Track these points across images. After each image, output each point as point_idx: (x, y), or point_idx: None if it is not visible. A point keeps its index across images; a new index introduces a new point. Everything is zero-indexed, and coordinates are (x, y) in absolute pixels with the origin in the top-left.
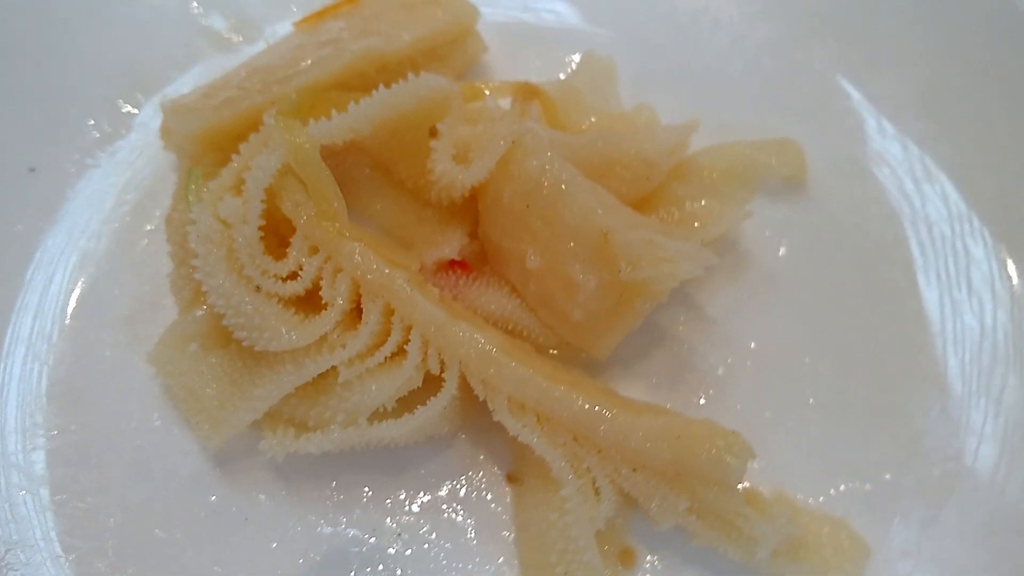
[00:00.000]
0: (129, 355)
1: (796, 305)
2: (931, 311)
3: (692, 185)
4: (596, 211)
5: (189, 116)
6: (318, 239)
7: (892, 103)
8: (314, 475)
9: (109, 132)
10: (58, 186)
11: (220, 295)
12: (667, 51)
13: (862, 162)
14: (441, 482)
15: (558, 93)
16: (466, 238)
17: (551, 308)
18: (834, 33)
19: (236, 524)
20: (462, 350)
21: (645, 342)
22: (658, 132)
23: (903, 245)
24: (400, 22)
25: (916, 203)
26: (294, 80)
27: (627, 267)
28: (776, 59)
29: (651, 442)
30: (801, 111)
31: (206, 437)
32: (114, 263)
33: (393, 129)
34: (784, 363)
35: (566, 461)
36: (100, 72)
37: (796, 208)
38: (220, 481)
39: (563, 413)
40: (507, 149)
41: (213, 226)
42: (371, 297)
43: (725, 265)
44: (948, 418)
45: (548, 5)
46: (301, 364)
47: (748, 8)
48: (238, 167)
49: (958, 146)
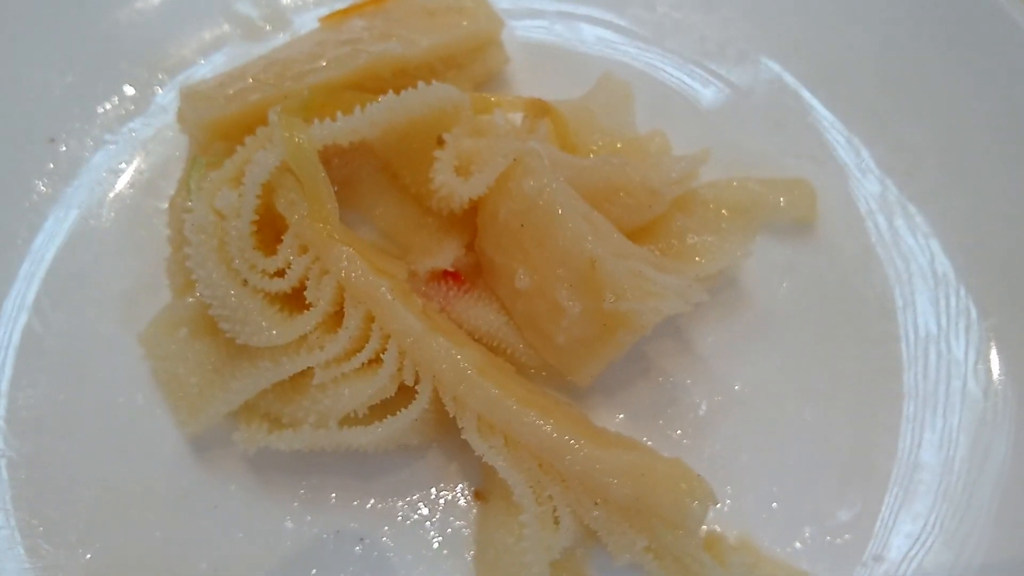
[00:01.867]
0: (123, 332)
1: (786, 350)
2: (908, 382)
3: (695, 218)
4: (587, 237)
5: (202, 103)
6: (308, 239)
7: (900, 164)
8: (286, 471)
9: (131, 109)
10: (74, 158)
11: (208, 285)
12: (688, 81)
13: (868, 214)
14: (409, 492)
15: (571, 113)
16: (462, 249)
17: (536, 329)
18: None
19: (205, 510)
20: (436, 365)
21: (630, 371)
22: (666, 161)
23: (892, 308)
24: (421, 27)
25: (910, 265)
26: (309, 77)
27: (612, 297)
28: (795, 100)
29: (615, 477)
30: (818, 154)
31: (183, 422)
32: (120, 240)
33: (403, 134)
34: (766, 408)
35: (529, 486)
36: (127, 49)
37: (801, 251)
38: (195, 466)
39: (530, 438)
40: (507, 166)
41: (208, 216)
42: (354, 303)
43: (721, 301)
44: (925, 488)
45: (576, 25)
46: (279, 361)
47: (773, 44)
48: (240, 160)
49: (956, 212)
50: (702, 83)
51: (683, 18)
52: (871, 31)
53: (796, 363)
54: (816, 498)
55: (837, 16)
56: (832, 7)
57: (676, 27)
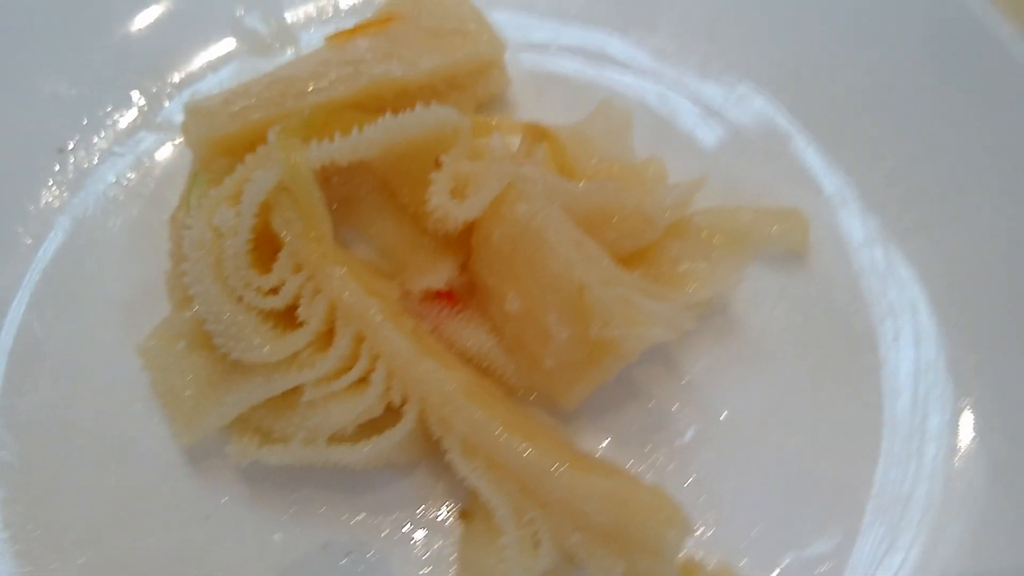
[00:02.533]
0: (125, 341)
1: (774, 379)
2: (890, 414)
3: (688, 245)
4: (576, 264)
5: (205, 120)
6: (303, 258)
7: (893, 199)
8: (277, 484)
9: (139, 121)
10: (82, 169)
11: (203, 301)
12: (686, 112)
13: (859, 247)
14: (397, 509)
15: (569, 137)
16: (457, 270)
17: (525, 352)
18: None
19: (197, 520)
20: (423, 386)
21: (618, 395)
22: (661, 188)
23: (877, 341)
24: (424, 49)
25: (897, 299)
26: (311, 96)
27: (599, 324)
28: (790, 133)
29: (594, 503)
30: (812, 185)
31: (179, 433)
32: (124, 251)
33: (402, 154)
34: (751, 436)
35: (510, 509)
36: (137, 61)
37: (792, 280)
38: (189, 476)
39: (512, 462)
40: (501, 190)
41: (206, 233)
42: (344, 322)
43: (712, 328)
44: (905, 522)
45: (581, 50)
46: (271, 378)
47: (768, 79)
48: (239, 178)
49: (943, 249)
50: (700, 115)
51: (684, 49)
52: (865, 67)
53: (783, 392)
54: (797, 527)
55: (835, 53)
56: (830, 45)
57: (677, 59)
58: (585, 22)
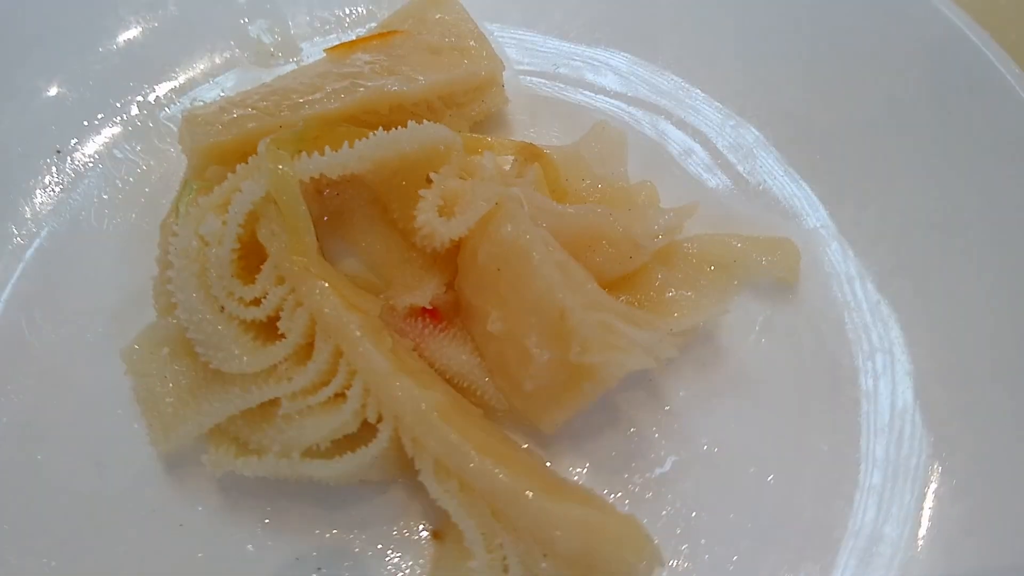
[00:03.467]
0: (110, 346)
1: (756, 410)
2: (868, 452)
3: (676, 271)
4: (558, 287)
5: (200, 128)
6: (285, 270)
7: (884, 239)
8: (252, 495)
9: (138, 126)
10: (78, 171)
11: (186, 309)
12: (684, 138)
13: (847, 280)
14: (370, 526)
15: (563, 158)
16: (442, 288)
17: (506, 374)
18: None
19: (170, 527)
20: (398, 405)
21: (599, 420)
22: (651, 213)
23: (859, 376)
24: (423, 65)
25: (881, 336)
26: (306, 108)
27: (578, 349)
28: (785, 166)
29: (564, 530)
30: (805, 218)
31: (156, 440)
32: (115, 255)
33: (395, 169)
34: (731, 467)
35: (481, 532)
36: (139, 66)
37: (779, 311)
38: (165, 483)
39: (484, 485)
40: (488, 210)
41: (191, 242)
42: (324, 337)
43: (697, 357)
44: (880, 560)
45: (579, 73)
46: (248, 389)
47: (767, 111)
48: (229, 188)
49: (925, 291)
50: (694, 143)
51: (682, 76)
52: (858, 108)
53: (764, 424)
54: (772, 562)
55: (830, 91)
56: (825, 82)
57: (674, 86)
58: (586, 44)
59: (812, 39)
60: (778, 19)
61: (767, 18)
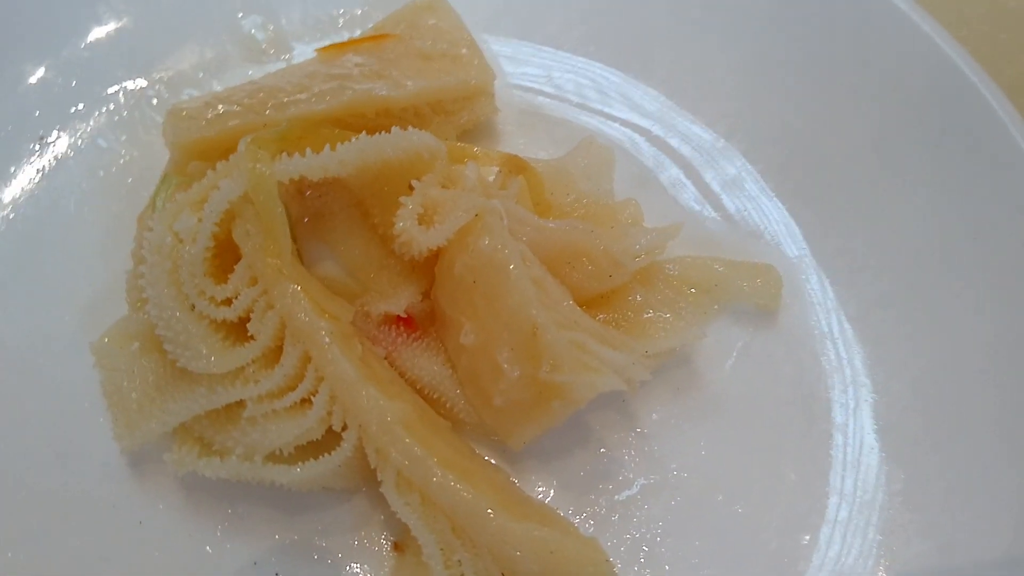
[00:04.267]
0: (82, 338)
1: (728, 437)
2: (836, 486)
3: (655, 292)
4: (533, 303)
5: (183, 122)
6: (259, 272)
7: (866, 272)
8: (214, 496)
9: (124, 116)
10: (61, 159)
11: (156, 305)
12: (671, 160)
13: (827, 312)
14: (332, 534)
15: (548, 172)
16: (418, 296)
17: (476, 387)
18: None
19: (130, 525)
20: (363, 414)
21: (569, 439)
22: (633, 231)
23: (832, 410)
24: (413, 70)
25: (859, 372)
26: (291, 108)
27: (548, 367)
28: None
29: (523, 550)
30: (790, 246)
31: (120, 435)
32: (92, 246)
33: (377, 174)
34: (698, 494)
35: (440, 548)
36: (129, 57)
37: (758, 338)
38: (127, 480)
39: (445, 500)
40: (468, 221)
41: (165, 238)
42: (293, 341)
43: (672, 380)
44: None
45: (571, 87)
46: (214, 390)
47: (755, 139)
48: (207, 185)
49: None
50: (680, 165)
51: (674, 96)
52: (849, 143)
53: (735, 452)
54: None
55: (820, 122)
56: (817, 113)
57: (665, 106)
58: (580, 56)
59: (804, 69)
60: (771, 47)
61: (761, 45)
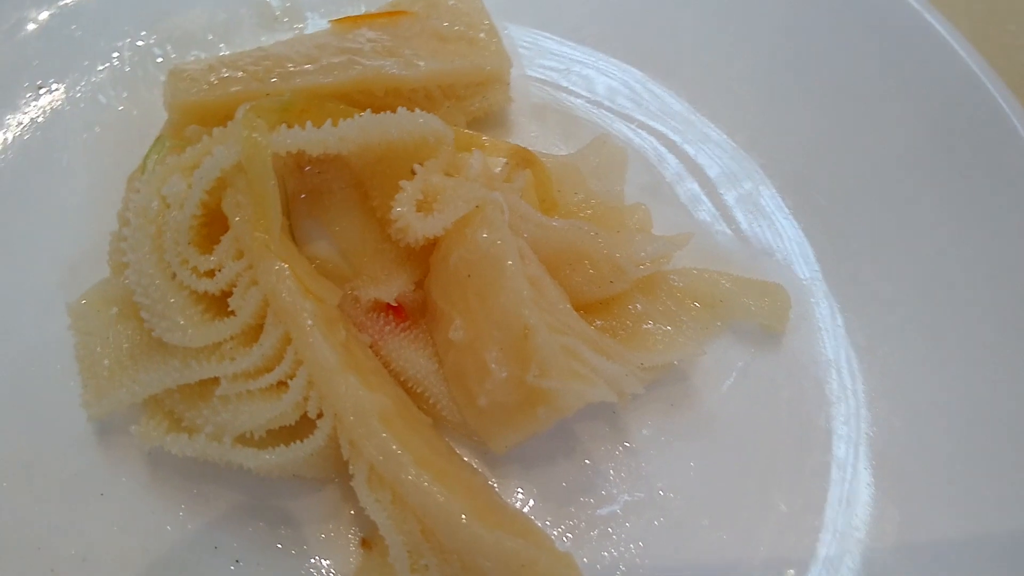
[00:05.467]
0: (60, 298)
1: (720, 461)
2: (829, 521)
3: (657, 303)
4: (526, 303)
5: (184, 84)
6: (246, 245)
7: (879, 306)
8: (181, 474)
9: (127, 72)
10: (57, 110)
11: (136, 271)
12: (684, 168)
13: (835, 340)
14: (298, 524)
15: (557, 168)
16: (411, 285)
17: (461, 385)
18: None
19: (91, 495)
20: (339, 403)
21: (554, 448)
22: (640, 238)
23: (831, 442)
24: (427, 51)
25: (861, 408)
26: (297, 79)
27: (536, 371)
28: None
29: (493, 561)
30: (803, 269)
31: (88, 402)
32: (79, 204)
33: (380, 155)
34: (682, 517)
35: (407, 550)
36: (139, 12)
37: (761, 360)
38: (92, 448)
39: (417, 501)
40: (468, 212)
41: (152, 202)
42: (275, 321)
43: (666, 396)
44: None
45: (589, 83)
46: (187, 363)
47: (773, 155)
48: (201, 150)
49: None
50: (693, 174)
51: (694, 103)
52: (869, 167)
53: (726, 475)
54: None
55: (841, 142)
56: (838, 134)
57: (684, 111)
58: (601, 53)
59: (830, 87)
60: (799, 62)
61: (788, 59)
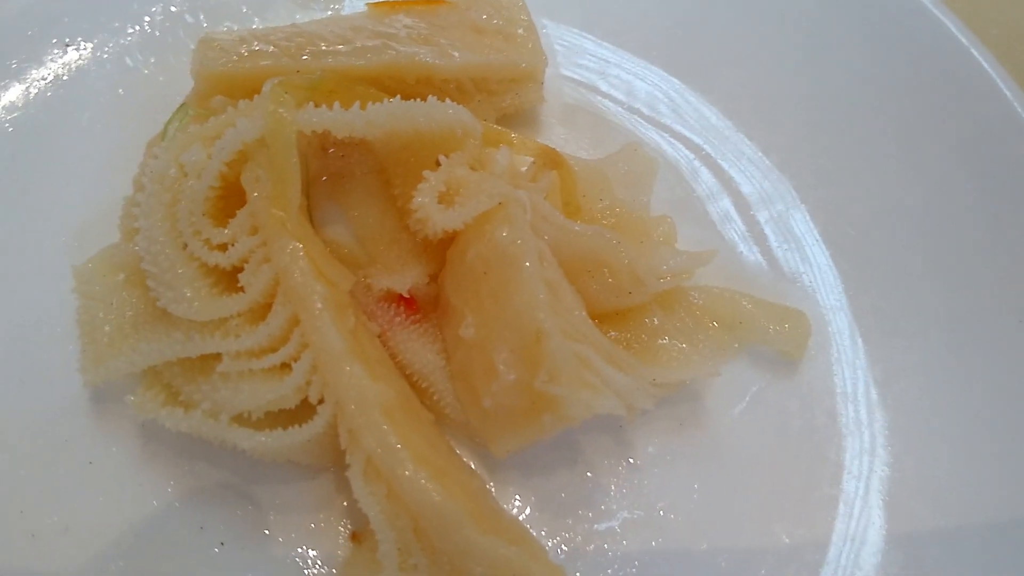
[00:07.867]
0: (67, 260)
1: (725, 485)
2: (834, 559)
3: (674, 319)
4: (541, 307)
5: (214, 53)
6: (261, 221)
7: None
8: (173, 449)
9: (157, 36)
10: (83, 69)
11: (147, 238)
12: (716, 184)
13: (853, 370)
14: (289, 511)
15: (585, 172)
16: (426, 278)
17: (467, 385)
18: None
19: (79, 463)
20: (342, 391)
21: (555, 457)
22: (663, 251)
23: (842, 476)
24: (463, 42)
25: (875, 442)
26: (328, 58)
27: (545, 376)
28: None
29: (484, 568)
30: (828, 299)
31: (85, 368)
32: (96, 166)
33: (406, 143)
34: (681, 539)
35: (397, 548)
36: None
37: (776, 386)
38: (85, 416)
39: (412, 498)
40: (489, 208)
41: (170, 169)
42: (284, 301)
43: (675, 414)
44: None
45: (626, 89)
46: (191, 337)
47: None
48: (225, 121)
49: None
50: (725, 192)
51: (729, 117)
52: (905, 197)
53: (729, 500)
54: None
55: (880, 173)
56: (878, 165)
57: (718, 125)
58: (640, 59)
59: (872, 115)
60: (839, 84)
61: (829, 79)
